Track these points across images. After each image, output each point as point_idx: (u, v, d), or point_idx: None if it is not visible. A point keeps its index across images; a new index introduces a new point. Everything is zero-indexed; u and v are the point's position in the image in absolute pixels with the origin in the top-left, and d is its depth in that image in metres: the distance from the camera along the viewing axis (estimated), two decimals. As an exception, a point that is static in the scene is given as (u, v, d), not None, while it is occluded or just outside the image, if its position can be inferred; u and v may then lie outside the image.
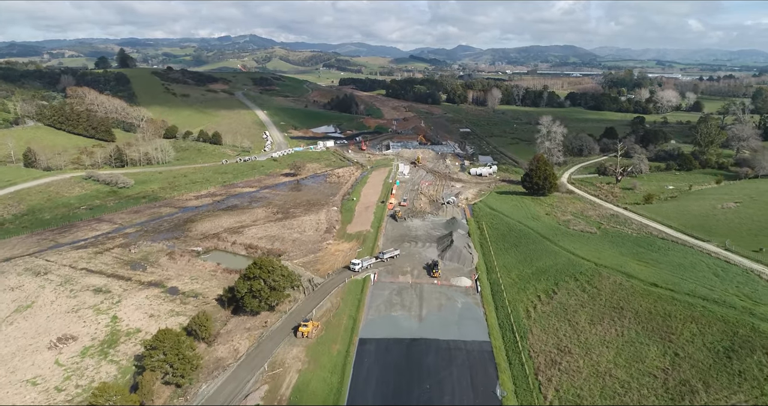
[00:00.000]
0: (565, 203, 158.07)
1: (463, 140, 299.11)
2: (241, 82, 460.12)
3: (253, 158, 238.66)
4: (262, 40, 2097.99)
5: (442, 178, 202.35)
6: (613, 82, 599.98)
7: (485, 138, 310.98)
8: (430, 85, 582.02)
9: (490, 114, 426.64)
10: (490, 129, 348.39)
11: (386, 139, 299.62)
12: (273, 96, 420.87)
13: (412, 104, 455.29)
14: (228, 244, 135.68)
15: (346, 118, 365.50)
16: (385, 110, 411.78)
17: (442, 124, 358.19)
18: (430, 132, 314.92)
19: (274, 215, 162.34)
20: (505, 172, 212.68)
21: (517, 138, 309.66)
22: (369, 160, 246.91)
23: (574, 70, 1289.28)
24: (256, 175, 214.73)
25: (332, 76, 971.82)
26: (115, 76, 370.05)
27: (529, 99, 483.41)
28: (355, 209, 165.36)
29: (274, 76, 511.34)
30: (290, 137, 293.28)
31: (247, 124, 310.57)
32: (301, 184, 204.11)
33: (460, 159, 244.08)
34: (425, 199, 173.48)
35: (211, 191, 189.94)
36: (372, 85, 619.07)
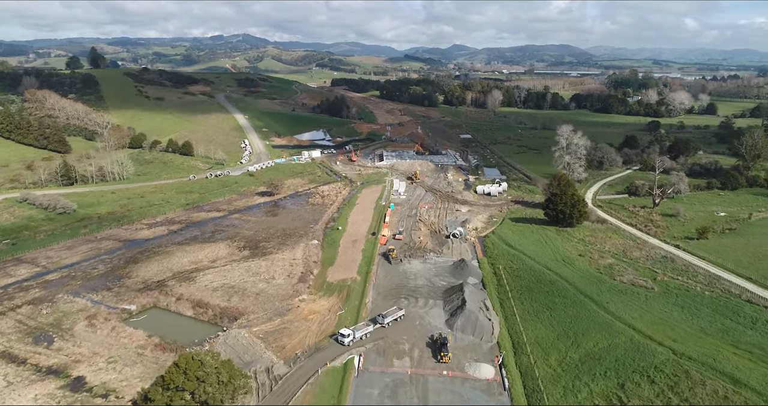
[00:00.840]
0: (600, 238, 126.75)
1: (464, 149, 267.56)
2: (224, 83, 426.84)
3: (225, 173, 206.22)
4: (256, 40, 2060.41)
5: (444, 199, 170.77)
6: (617, 82, 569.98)
7: (488, 146, 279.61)
8: (427, 85, 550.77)
9: (491, 117, 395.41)
10: (493, 135, 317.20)
11: (379, 148, 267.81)
12: (258, 98, 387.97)
13: (407, 107, 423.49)
14: (172, 299, 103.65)
15: (336, 122, 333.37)
16: (378, 114, 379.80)
17: (440, 130, 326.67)
18: (427, 139, 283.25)
19: (239, 251, 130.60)
20: (518, 191, 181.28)
21: (524, 146, 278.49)
22: (359, 174, 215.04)
23: (570, 69, 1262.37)
24: (227, 194, 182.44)
25: (325, 76, 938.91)
26: (81, 78, 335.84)
27: (532, 101, 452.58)
28: (339, 243, 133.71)
29: (260, 77, 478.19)
30: (272, 146, 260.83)
31: (225, 131, 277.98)
32: (278, 206, 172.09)
33: (463, 173, 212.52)
34: (425, 229, 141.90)
35: (170, 217, 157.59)
36: (365, 86, 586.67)
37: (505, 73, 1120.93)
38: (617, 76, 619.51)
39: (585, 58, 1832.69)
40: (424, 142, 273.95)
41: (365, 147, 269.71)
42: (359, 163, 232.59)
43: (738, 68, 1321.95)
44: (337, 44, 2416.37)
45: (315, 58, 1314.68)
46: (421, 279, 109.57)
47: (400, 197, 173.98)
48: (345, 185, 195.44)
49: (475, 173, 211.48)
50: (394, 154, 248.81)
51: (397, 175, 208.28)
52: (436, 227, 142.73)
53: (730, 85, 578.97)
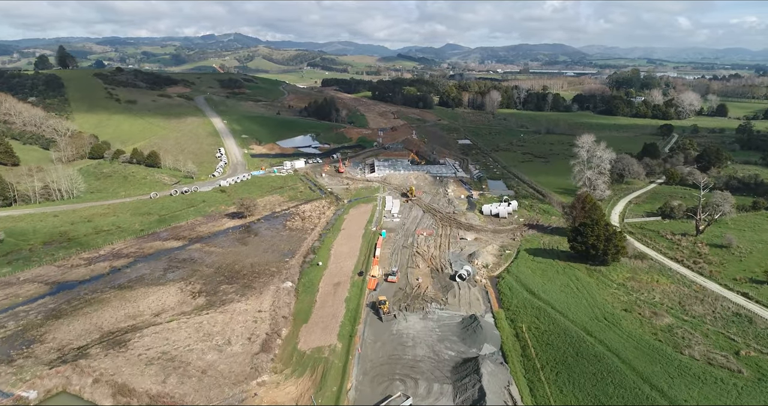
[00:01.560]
0: (645, 282, 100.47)
1: (464, 157, 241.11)
2: (205, 84, 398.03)
3: (193, 189, 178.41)
4: (247, 39, 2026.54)
5: (445, 223, 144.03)
6: (619, 82, 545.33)
7: (490, 153, 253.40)
8: (421, 85, 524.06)
9: (490, 120, 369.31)
10: (494, 140, 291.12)
11: (370, 156, 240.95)
12: (241, 101, 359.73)
13: (400, 109, 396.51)
14: (88, 380, 76.33)
15: (324, 127, 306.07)
16: (370, 117, 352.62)
17: (436, 135, 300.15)
18: (423, 147, 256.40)
19: (193, 298, 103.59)
20: (530, 211, 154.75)
21: (529, 153, 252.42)
22: (347, 188, 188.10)
23: (566, 68, 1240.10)
24: (192, 216, 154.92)
25: (317, 75, 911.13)
26: (45, 80, 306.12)
27: (532, 102, 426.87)
28: (318, 287, 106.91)
29: (245, 78, 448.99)
30: (251, 155, 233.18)
31: (200, 137, 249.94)
32: (250, 231, 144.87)
33: (464, 187, 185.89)
34: (424, 266, 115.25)
35: (117, 249, 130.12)
36: (357, 87, 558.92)
37: (499, 72, 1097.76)
38: (618, 76, 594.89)
39: (579, 57, 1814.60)
40: (420, 150, 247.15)
41: (355, 155, 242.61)
42: (347, 175, 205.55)
43: (733, 67, 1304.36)
44: (330, 43, 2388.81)
45: (307, 58, 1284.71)
46: (421, 347, 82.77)
47: (394, 220, 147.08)
48: (330, 203, 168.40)
49: (479, 188, 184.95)
50: (387, 163, 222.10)
51: (390, 190, 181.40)
52: (438, 263, 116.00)
53: (734, 85, 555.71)
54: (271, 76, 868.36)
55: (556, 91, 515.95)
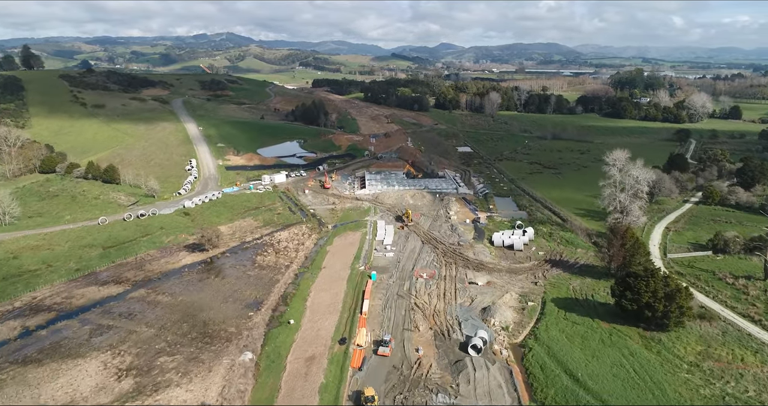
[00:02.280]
0: (725, 360, 73.98)
1: (466, 169, 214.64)
2: (186, 85, 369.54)
3: (152, 212, 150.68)
4: (240, 39, 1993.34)
5: (449, 258, 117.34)
6: (622, 82, 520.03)
7: (494, 163, 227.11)
8: (416, 86, 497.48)
9: (490, 124, 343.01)
10: (497, 147, 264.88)
11: (361, 167, 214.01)
12: (222, 104, 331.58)
13: (394, 112, 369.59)
14: None
15: (312, 133, 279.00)
16: (361, 121, 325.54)
17: (434, 141, 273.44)
18: (420, 156, 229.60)
19: (117, 379, 76.74)
20: (549, 241, 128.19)
21: (537, 163, 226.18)
22: (333, 209, 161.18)
23: (562, 68, 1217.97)
24: (144, 249, 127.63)
25: (308, 75, 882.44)
26: (2, 82, 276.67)
27: (533, 104, 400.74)
28: (285, 363, 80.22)
29: (229, 79, 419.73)
30: (226, 168, 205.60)
31: (170, 147, 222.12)
32: (211, 269, 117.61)
33: (469, 207, 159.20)
34: (425, 327, 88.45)
35: (39, 299, 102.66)
36: (348, 87, 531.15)
37: (495, 71, 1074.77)
38: (620, 76, 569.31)
39: (573, 57, 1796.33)
40: (416, 161, 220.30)
41: (344, 167, 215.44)
42: (334, 192, 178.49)
43: (729, 66, 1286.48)
44: (324, 43, 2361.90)
45: (299, 58, 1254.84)
46: None
47: (386, 255, 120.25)
48: (311, 230, 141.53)
49: (485, 207, 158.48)
50: (380, 177, 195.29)
51: (383, 212, 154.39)
52: (443, 323, 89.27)
53: (740, 85, 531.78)
54: (261, 76, 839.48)
55: (557, 92, 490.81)
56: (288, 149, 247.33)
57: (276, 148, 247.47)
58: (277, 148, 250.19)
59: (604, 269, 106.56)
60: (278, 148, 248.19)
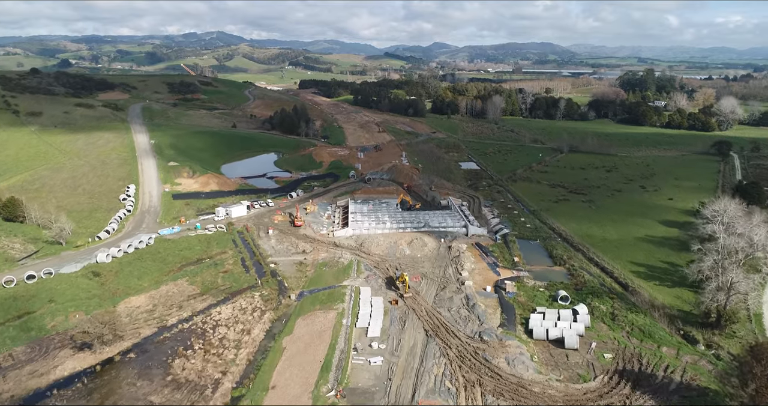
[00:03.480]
0: None
1: (474, 195, 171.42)
2: (151, 88, 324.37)
3: (45, 273, 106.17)
4: (230, 37, 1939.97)
5: (468, 370, 74.30)
6: (631, 84, 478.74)
7: (507, 185, 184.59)
8: (410, 88, 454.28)
9: (495, 132, 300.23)
10: (507, 162, 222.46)
11: (344, 194, 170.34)
12: (190, 109, 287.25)
13: (387, 118, 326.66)
14: None
15: (290, 144, 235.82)
16: (349, 129, 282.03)
17: (432, 156, 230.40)
18: (417, 177, 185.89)
19: None
20: (613, 328, 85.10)
21: (560, 185, 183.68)
22: (303, 261, 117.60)
23: (558, 68, 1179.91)
24: (9, 345, 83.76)
25: (298, 75, 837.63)
26: None
27: (540, 109, 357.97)
28: None
29: (202, 81, 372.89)
30: (173, 196, 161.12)
31: (109, 167, 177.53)
32: (96, 388, 74.35)
33: (486, 261, 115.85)
34: None
35: None
36: (337, 89, 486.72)
37: (491, 71, 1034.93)
38: (629, 77, 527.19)
39: (568, 56, 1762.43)
40: (413, 184, 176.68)
41: (323, 193, 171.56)
42: (307, 233, 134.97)
43: (726, 66, 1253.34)
44: (316, 42, 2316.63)
45: (289, 57, 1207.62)
46: None
47: (372, 362, 76.84)
48: (266, 303, 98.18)
49: (508, 259, 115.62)
50: (367, 207, 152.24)
51: (369, 271, 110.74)
52: None
53: (756, 87, 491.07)
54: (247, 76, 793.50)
55: (562, 95, 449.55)
56: (258, 167, 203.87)
57: (244, 165, 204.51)
58: (246, 164, 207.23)
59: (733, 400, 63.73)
60: (247, 165, 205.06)
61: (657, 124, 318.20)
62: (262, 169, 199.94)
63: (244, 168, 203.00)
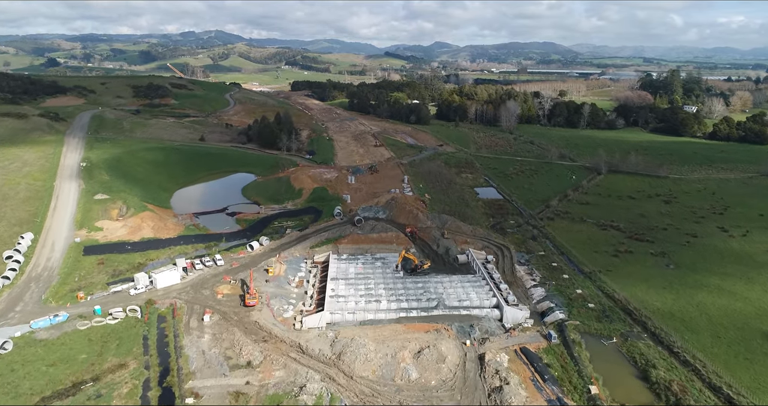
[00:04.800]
0: None
1: (501, 245, 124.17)
2: (113, 92, 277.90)
3: None
4: (229, 37, 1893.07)
5: None
6: (655, 86, 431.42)
7: (541, 226, 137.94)
8: (412, 90, 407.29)
9: (512, 144, 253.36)
10: (535, 187, 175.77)
11: (325, 242, 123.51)
12: (155, 117, 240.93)
13: (386, 126, 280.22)
14: None
15: (267, 162, 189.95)
16: (340, 142, 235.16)
17: (441, 178, 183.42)
18: (423, 216, 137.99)
19: None
20: None
21: (613, 226, 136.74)
22: (244, 386, 71.57)
23: (564, 68, 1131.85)
24: None
25: (294, 76, 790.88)
26: None
27: (561, 115, 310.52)
28: None
29: (176, 84, 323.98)
30: (86, 248, 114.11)
31: (10, 202, 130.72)
32: None
33: (541, 392, 70.05)
34: None
35: None
36: (332, 92, 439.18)
37: (495, 72, 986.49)
38: (652, 79, 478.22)
39: (571, 56, 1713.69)
40: (419, 227, 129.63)
41: (297, 240, 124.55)
42: (262, 319, 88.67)
43: (733, 67, 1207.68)
44: (316, 41, 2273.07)
45: (286, 56, 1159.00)
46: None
47: None
48: None
49: (579, 388, 69.65)
50: (354, 267, 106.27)
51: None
52: None
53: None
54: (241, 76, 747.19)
55: (575, 97, 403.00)
56: (221, 195, 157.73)
57: (205, 192, 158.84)
58: (208, 190, 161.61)
59: None
60: (208, 192, 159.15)
61: (698, 134, 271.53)
62: (224, 199, 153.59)
63: (203, 196, 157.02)
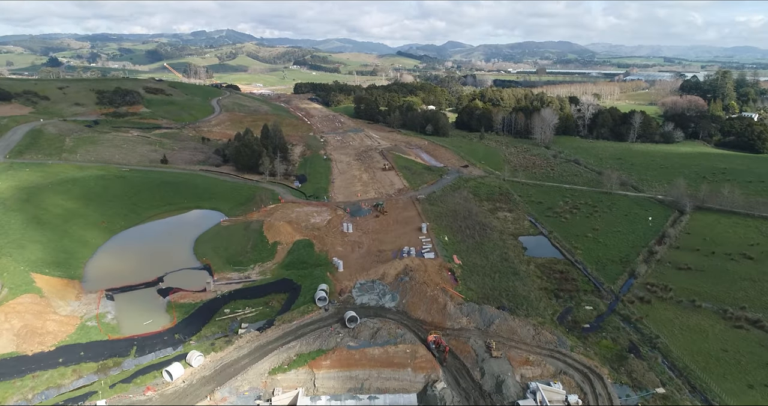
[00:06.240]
0: None
1: (586, 368, 73.65)
2: (72, 99, 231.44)
3: None
4: (240, 36, 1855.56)
5: None
6: (702, 88, 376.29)
7: (627, 309, 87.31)
8: (427, 94, 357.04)
9: (551, 164, 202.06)
10: (601, 236, 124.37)
11: (292, 367, 74.50)
12: (115, 130, 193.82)
13: (397, 139, 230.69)
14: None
15: (241, 194, 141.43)
16: (340, 163, 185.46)
17: (471, 223, 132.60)
18: (455, 309, 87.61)
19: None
20: None
21: (743, 316, 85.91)
22: None
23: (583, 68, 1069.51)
24: None
25: (301, 76, 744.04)
26: None
27: (605, 125, 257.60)
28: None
29: (150, 88, 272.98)
30: None
31: None
32: None
33: None
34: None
35: None
36: (338, 95, 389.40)
37: (512, 72, 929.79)
38: (698, 81, 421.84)
39: (588, 56, 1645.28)
40: (449, 333, 79.57)
41: (251, 355, 75.24)
42: None
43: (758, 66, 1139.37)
44: (328, 41, 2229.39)
45: (296, 56, 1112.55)
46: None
47: None
48: None
49: None
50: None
51: None
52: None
53: None
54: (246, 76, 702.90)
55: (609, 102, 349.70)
56: (160, 253, 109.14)
57: (137, 248, 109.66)
58: (143, 244, 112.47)
59: None
60: (141, 248, 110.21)
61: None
62: (165, 259, 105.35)
63: (135, 254, 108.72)
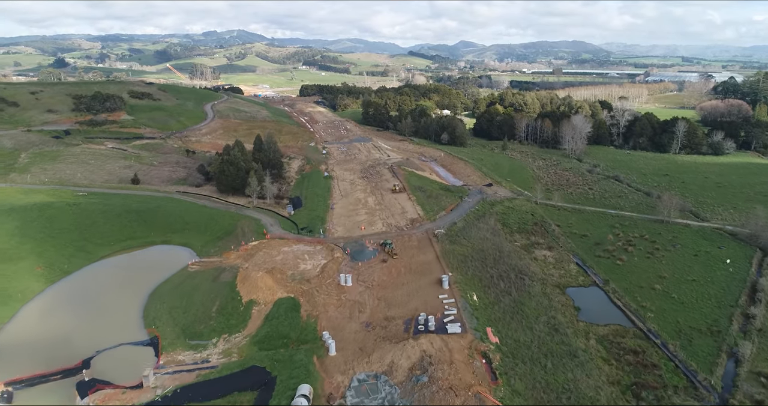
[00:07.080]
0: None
1: None
2: (45, 105, 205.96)
3: None
4: (251, 36, 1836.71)
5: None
6: (743, 93, 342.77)
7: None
8: (442, 97, 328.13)
9: (588, 182, 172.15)
10: (672, 290, 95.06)
11: None
12: (87, 142, 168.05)
13: (409, 150, 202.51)
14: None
15: (218, 227, 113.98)
16: (342, 183, 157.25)
17: (503, 267, 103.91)
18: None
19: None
20: None
21: None
22: None
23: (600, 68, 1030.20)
24: None
25: (310, 77, 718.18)
26: None
27: (643, 134, 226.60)
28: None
29: (135, 92, 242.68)
30: None
31: None
32: None
33: None
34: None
35: None
36: (345, 99, 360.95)
37: (527, 72, 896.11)
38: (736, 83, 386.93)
39: (603, 56, 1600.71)
40: None
41: None
42: None
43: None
44: (339, 41, 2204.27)
45: (306, 56, 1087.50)
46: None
47: None
48: None
49: None
50: None
51: None
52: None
53: None
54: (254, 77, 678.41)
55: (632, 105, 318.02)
56: (99, 316, 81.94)
57: (70, 308, 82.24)
58: (101, 282, 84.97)
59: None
60: (77, 308, 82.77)
61: None
62: (109, 321, 78.26)
63: (75, 308, 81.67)
